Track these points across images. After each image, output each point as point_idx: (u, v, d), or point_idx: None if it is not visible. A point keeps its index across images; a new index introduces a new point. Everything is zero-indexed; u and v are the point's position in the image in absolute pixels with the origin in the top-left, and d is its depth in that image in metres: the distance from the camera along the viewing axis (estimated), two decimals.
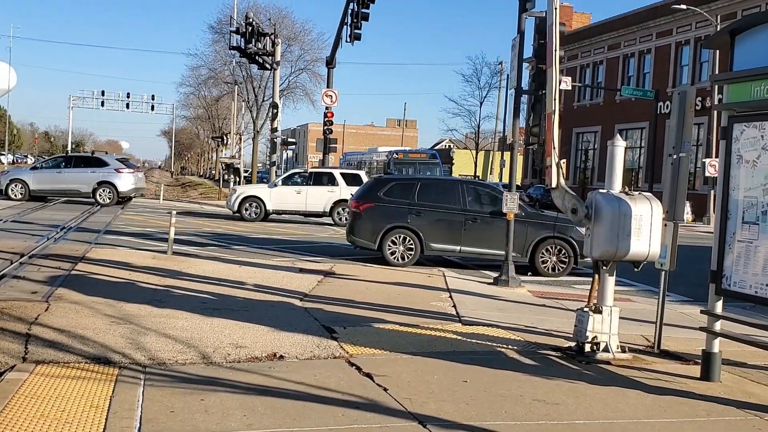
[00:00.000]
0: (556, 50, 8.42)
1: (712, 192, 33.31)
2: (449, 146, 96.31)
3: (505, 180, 32.58)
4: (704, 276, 7.46)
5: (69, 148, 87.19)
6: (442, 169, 41.82)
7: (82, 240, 16.66)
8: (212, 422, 5.32)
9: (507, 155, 38.60)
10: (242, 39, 33.43)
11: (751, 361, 8.10)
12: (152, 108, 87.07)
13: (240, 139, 60.36)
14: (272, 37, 35.29)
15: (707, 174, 34.69)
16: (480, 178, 74.07)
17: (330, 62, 36.73)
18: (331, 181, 26.44)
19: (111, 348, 7.31)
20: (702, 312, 7.56)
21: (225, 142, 59.96)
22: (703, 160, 36.93)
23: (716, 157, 27.67)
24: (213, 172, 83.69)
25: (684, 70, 44.89)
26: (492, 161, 74.35)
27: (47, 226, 19.14)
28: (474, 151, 77.50)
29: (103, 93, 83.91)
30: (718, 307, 7.30)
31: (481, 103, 76.61)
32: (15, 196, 28.47)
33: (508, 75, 53.00)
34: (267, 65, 36.78)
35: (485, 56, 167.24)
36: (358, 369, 7.02)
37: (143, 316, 8.89)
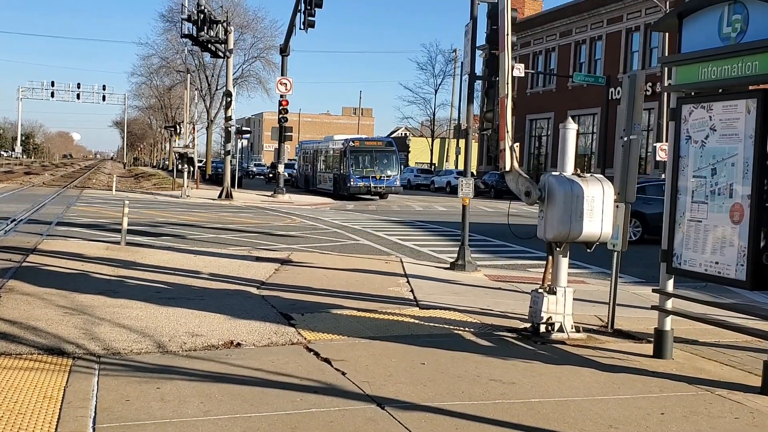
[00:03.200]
0: (507, 34, 8.48)
1: (663, 176, 33.94)
2: (405, 134, 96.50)
3: (461, 167, 32.70)
4: (656, 258, 7.61)
5: (19, 140, 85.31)
6: (398, 157, 41.82)
7: (34, 232, 16.33)
8: (169, 410, 5.27)
9: (462, 142, 38.79)
10: (194, 27, 32.96)
11: (702, 339, 8.29)
12: (103, 98, 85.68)
13: (194, 128, 59.58)
14: (224, 24, 34.87)
15: (658, 158, 35.27)
16: (436, 165, 74.39)
17: (284, 50, 36.42)
18: None
19: (64, 339, 7.18)
20: (654, 291, 7.71)
21: (178, 131, 59.17)
22: (654, 144, 37.57)
23: (666, 141, 28.12)
24: (167, 162, 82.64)
25: (635, 56, 45.56)
26: (448, 149, 74.71)
27: None
28: (430, 139, 77.77)
29: (53, 83, 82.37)
30: (670, 285, 7.46)
31: (436, 91, 77.06)
32: None
33: (462, 62, 53.22)
34: (220, 53, 36.35)
35: (439, 44, 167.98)
36: (317, 354, 7.02)
37: (97, 306, 8.75)
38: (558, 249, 8.22)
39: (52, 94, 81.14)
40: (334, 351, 7.13)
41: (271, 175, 54.66)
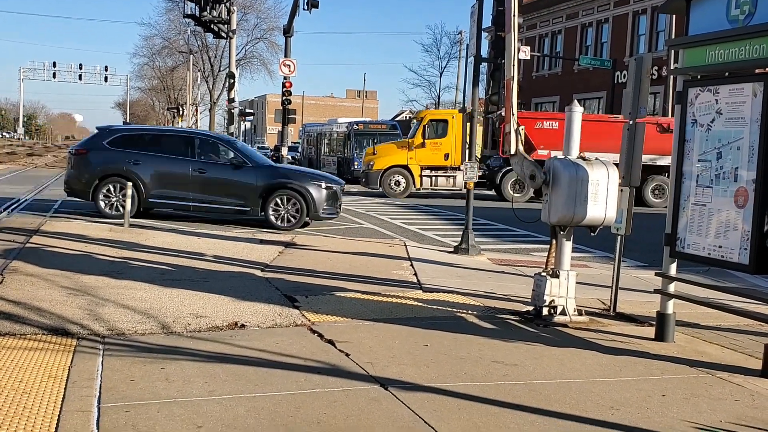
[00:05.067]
0: (514, 15, 8.44)
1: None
2: (410, 117, 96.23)
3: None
4: (659, 242, 7.61)
5: (21, 121, 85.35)
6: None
7: (37, 213, 16.35)
8: (173, 390, 5.31)
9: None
10: (196, 6, 32.77)
11: (704, 322, 8.31)
12: (105, 79, 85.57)
13: (196, 110, 59.63)
14: (227, 4, 34.68)
15: None
16: None
17: (287, 31, 36.26)
18: None
19: (69, 319, 7.22)
20: (656, 274, 7.72)
21: (181, 113, 59.20)
22: None
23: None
24: None
25: (641, 40, 45.30)
26: None
27: (0, 199, 18.74)
28: None
29: (54, 64, 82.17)
30: (672, 269, 7.46)
31: (441, 74, 76.84)
32: None
33: (467, 44, 53.01)
34: (222, 34, 36.20)
35: (445, 25, 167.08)
36: (320, 336, 7.05)
37: (101, 287, 8.79)
38: (562, 232, 8.22)
39: (54, 75, 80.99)
40: (338, 333, 7.16)
41: (274, 158, 54.65)
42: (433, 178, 29.11)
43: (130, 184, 15.11)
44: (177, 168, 15.81)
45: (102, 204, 15.74)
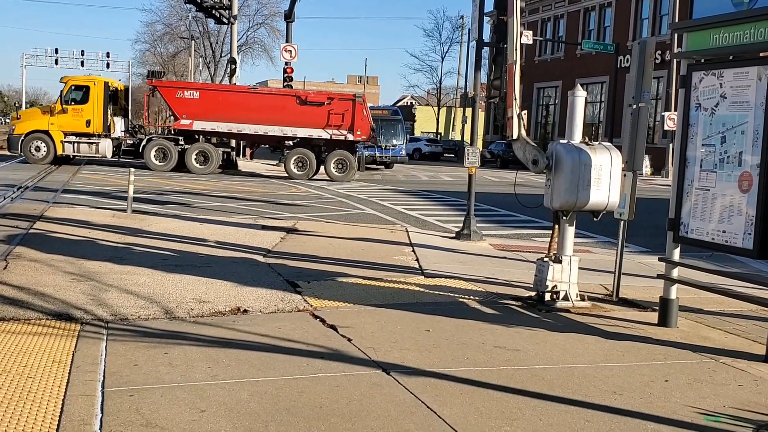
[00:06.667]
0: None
1: (671, 145, 33.78)
2: (411, 103, 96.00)
3: (467, 137, 32.58)
4: (662, 228, 7.58)
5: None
6: (404, 126, 41.59)
7: (40, 199, 16.36)
8: (177, 374, 5.32)
9: (469, 111, 38.62)
10: None
11: (707, 307, 8.31)
12: (107, 66, 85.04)
13: None
14: None
15: (666, 127, 35.13)
16: (442, 135, 74.13)
17: (289, 16, 36.13)
18: None
19: (72, 304, 7.23)
20: (660, 260, 7.70)
21: None
22: (662, 113, 37.36)
23: (675, 110, 27.96)
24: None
25: (644, 24, 45.11)
26: (454, 118, 74.42)
27: (3, 186, 18.74)
28: (436, 108, 77.39)
29: (56, 51, 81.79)
30: (676, 254, 7.45)
31: (442, 59, 76.52)
32: None
33: (469, 29, 52.81)
34: (224, 19, 36.10)
35: (446, 10, 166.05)
36: (323, 321, 7.05)
37: (104, 273, 8.80)
38: (564, 218, 8.20)
39: (56, 62, 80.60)
40: (340, 318, 7.16)
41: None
42: (76, 145, 28.70)
43: (132, 170, 15.12)
44: None
45: None
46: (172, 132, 29.48)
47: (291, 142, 29.32)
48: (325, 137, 28.57)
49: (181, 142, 28.67)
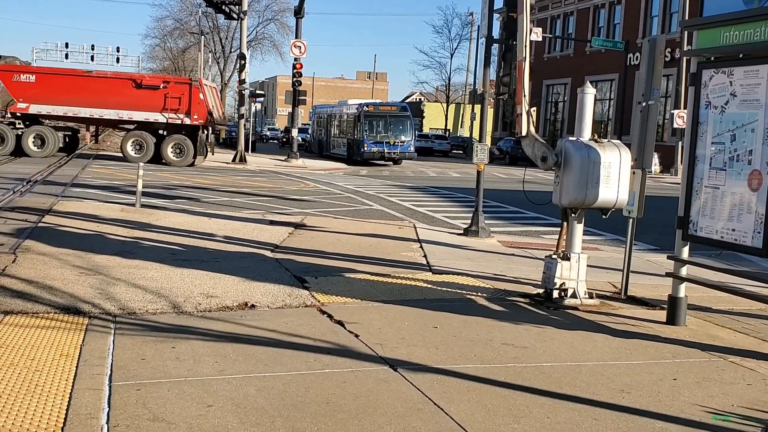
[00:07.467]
0: None
1: (680, 144, 33.63)
2: (420, 99, 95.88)
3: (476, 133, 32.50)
4: (671, 226, 7.55)
5: None
6: (413, 122, 41.56)
7: (49, 193, 16.42)
8: (184, 369, 5.33)
9: (477, 108, 38.54)
10: None
11: (716, 306, 8.27)
12: (117, 60, 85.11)
13: None
14: None
15: (675, 126, 34.95)
16: (450, 131, 74.02)
17: (298, 12, 36.12)
18: None
19: (80, 298, 7.25)
20: (669, 258, 7.67)
21: None
22: (672, 111, 37.18)
23: (684, 108, 27.81)
24: None
25: (654, 21, 44.90)
26: (462, 114, 74.28)
27: (12, 180, 18.82)
28: (445, 104, 77.28)
29: (67, 45, 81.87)
30: (685, 252, 7.41)
31: (451, 55, 76.55)
32: None
33: (479, 26, 52.69)
34: (234, 15, 36.12)
35: (456, 7, 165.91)
36: (330, 317, 7.05)
37: (112, 267, 8.82)
38: (573, 215, 8.18)
39: (66, 56, 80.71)
40: (348, 314, 7.16)
41: (284, 140, 54.57)
42: None
43: (141, 164, 15.15)
44: None
45: None
46: (10, 116, 29.41)
47: (131, 126, 29.67)
48: (162, 121, 28.94)
49: (19, 125, 28.83)
